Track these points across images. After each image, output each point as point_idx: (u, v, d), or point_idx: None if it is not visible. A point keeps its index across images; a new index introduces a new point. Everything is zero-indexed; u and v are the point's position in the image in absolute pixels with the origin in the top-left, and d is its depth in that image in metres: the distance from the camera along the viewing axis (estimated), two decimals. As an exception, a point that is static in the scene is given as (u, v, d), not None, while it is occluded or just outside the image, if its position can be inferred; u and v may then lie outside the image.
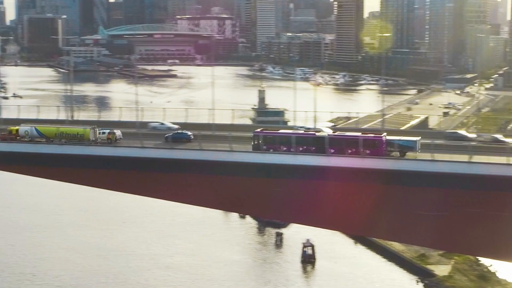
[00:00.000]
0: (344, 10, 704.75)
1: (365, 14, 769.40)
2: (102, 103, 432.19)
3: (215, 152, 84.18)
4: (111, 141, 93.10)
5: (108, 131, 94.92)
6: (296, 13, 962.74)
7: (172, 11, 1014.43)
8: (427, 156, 77.04)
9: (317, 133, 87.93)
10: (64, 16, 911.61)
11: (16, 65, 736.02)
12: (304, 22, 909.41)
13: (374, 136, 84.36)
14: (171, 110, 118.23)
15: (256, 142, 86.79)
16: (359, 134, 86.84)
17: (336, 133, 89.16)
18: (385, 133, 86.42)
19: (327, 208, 79.43)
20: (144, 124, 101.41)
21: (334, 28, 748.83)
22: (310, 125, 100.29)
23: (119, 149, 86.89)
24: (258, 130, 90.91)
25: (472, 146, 79.67)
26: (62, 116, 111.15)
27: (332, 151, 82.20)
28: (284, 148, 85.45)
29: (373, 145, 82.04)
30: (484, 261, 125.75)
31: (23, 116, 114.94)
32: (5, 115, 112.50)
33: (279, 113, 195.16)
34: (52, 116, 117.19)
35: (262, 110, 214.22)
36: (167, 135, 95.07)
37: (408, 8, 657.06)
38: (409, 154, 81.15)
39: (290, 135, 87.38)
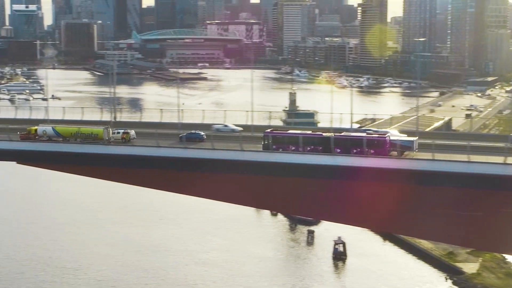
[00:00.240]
0: (368, 15, 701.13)
1: (388, 19, 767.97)
2: (135, 104, 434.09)
3: (247, 153, 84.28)
4: (125, 140, 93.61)
5: (123, 131, 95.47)
6: (321, 18, 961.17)
7: (202, 16, 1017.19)
8: (427, 155, 77.44)
9: (323, 134, 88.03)
10: (99, 22, 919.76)
11: (54, 68, 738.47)
12: (329, 27, 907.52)
13: (378, 136, 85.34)
14: (209, 112, 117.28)
15: (266, 142, 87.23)
16: (363, 134, 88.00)
17: (342, 134, 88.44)
18: (389, 134, 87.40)
19: (362, 207, 79.19)
20: (184, 126, 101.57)
21: (358, 33, 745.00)
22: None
23: (162, 150, 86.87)
24: (268, 130, 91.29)
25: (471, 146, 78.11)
26: (106, 117, 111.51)
27: (338, 150, 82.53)
28: (293, 148, 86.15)
29: (377, 145, 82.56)
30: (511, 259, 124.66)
31: (68, 117, 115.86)
32: (51, 116, 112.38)
33: (310, 114, 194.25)
34: (96, 117, 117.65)
35: (293, 112, 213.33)
36: (181, 135, 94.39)
37: (430, 14, 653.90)
38: (407, 153, 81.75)
39: (298, 135, 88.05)
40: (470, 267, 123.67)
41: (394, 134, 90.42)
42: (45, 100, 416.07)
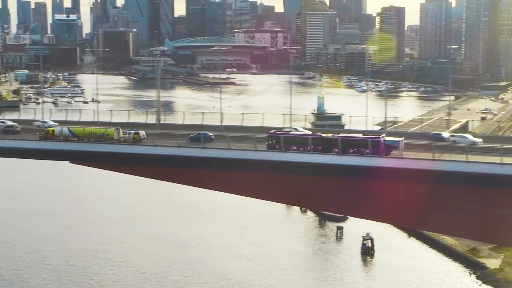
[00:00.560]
0: (386, 23, 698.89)
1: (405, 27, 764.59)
2: (170, 107, 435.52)
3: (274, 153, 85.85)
4: (136, 140, 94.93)
5: (134, 131, 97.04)
6: (341, 27, 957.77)
7: (229, 25, 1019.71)
8: (412, 154, 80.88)
9: (323, 135, 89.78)
10: (135, 30, 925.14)
11: (92, 73, 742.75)
12: (348, 34, 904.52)
13: (373, 137, 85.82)
14: (248, 115, 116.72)
15: (270, 142, 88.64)
16: (360, 135, 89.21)
17: (340, 134, 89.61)
18: (383, 135, 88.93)
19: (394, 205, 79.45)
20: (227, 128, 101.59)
21: (377, 40, 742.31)
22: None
23: (207, 151, 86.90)
24: (272, 131, 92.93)
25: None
26: (151, 119, 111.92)
27: (336, 150, 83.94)
28: (294, 148, 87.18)
29: (373, 145, 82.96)
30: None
31: (115, 119, 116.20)
32: (99, 118, 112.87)
33: (337, 117, 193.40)
34: (141, 119, 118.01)
35: (321, 115, 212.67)
36: (191, 135, 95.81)
37: (446, 22, 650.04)
38: (394, 153, 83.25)
39: (301, 136, 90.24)
40: (492, 263, 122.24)
41: (355, 135, 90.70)
42: (86, 103, 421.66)
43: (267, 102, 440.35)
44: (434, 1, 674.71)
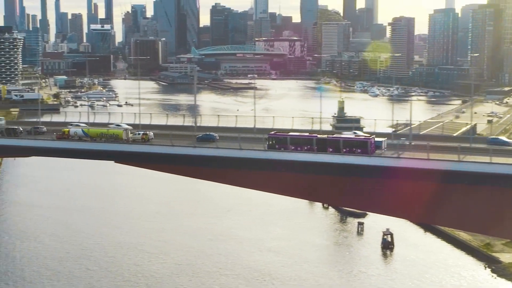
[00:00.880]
0: (397, 32, 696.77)
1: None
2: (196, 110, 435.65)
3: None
4: (144, 140, 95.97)
5: (143, 132, 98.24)
6: (354, 36, 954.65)
7: (250, 34, 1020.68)
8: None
9: (318, 136, 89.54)
10: (163, 39, 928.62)
11: (125, 79, 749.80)
12: (361, 43, 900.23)
13: (364, 138, 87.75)
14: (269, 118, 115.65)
15: (270, 143, 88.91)
16: (352, 136, 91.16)
17: (334, 136, 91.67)
18: (373, 136, 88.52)
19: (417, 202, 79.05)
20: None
21: (388, 48, 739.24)
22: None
23: (244, 152, 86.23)
24: (272, 133, 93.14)
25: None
26: (188, 122, 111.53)
27: (331, 150, 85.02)
28: (292, 147, 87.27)
29: (363, 145, 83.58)
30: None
31: (155, 122, 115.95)
32: (139, 121, 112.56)
33: (356, 120, 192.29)
34: (179, 122, 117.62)
35: (341, 118, 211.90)
36: (198, 136, 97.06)
37: (453, 31, 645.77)
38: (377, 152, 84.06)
39: (298, 137, 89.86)
40: (506, 257, 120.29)
41: (350, 136, 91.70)
42: (120, 106, 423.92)
43: (286, 106, 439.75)
44: (442, 12, 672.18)
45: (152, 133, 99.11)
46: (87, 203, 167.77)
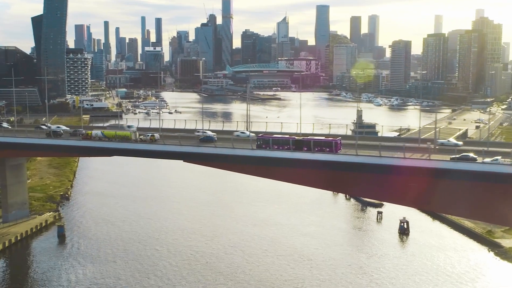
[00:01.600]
0: (396, 53, 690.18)
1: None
2: (231, 117, 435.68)
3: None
4: (152, 140, 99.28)
5: (151, 134, 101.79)
6: (359, 56, 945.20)
7: (274, 54, 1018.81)
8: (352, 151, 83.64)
9: (296, 137, 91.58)
10: (203, 58, 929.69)
11: (172, 91, 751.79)
12: (365, 62, 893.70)
13: (332, 139, 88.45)
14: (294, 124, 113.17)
15: (259, 143, 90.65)
16: (323, 138, 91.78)
17: (307, 137, 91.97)
18: (339, 137, 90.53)
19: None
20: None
21: (388, 66, 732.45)
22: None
23: (271, 152, 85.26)
24: (260, 134, 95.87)
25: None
26: (240, 127, 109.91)
27: (305, 149, 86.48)
28: (275, 147, 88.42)
29: (331, 145, 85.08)
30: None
31: (214, 127, 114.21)
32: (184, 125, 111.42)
33: (372, 126, 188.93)
34: (227, 127, 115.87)
35: (360, 124, 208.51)
36: (200, 137, 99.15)
37: (443, 52, 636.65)
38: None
39: (279, 138, 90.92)
40: (506, 242, 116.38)
41: (321, 137, 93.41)
42: (171, 113, 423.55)
43: (307, 113, 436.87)
44: (434, 36, 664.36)
45: (158, 135, 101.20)
46: (151, 193, 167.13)
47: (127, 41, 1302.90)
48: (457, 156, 77.61)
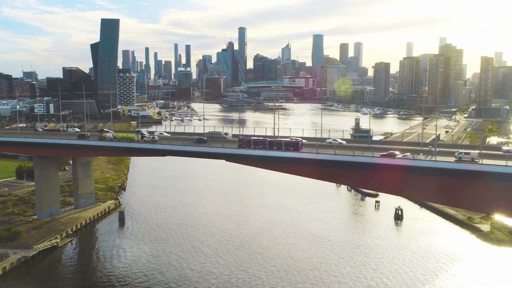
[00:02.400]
0: (378, 72, 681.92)
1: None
2: (247, 123, 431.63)
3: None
4: (153, 141, 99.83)
5: (152, 136, 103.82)
6: (347, 75, 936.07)
7: (279, 73, 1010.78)
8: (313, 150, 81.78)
9: (268, 139, 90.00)
10: (224, 77, 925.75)
11: (199, 102, 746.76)
12: (352, 79, 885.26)
13: (296, 140, 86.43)
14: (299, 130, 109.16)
15: (240, 144, 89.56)
16: (288, 139, 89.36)
17: (277, 139, 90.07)
18: (301, 140, 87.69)
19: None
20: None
21: (371, 82, 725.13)
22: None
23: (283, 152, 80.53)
24: (241, 136, 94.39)
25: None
26: (269, 133, 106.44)
27: (275, 148, 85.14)
28: (253, 147, 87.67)
29: (296, 145, 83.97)
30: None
31: (250, 132, 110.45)
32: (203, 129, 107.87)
33: (368, 131, 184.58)
34: (260, 132, 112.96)
35: (357, 129, 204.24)
36: (195, 139, 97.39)
37: (415, 71, 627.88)
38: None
39: (256, 140, 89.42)
40: (484, 227, 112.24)
41: (288, 139, 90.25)
42: (200, 120, 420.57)
43: (307, 120, 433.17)
44: (408, 59, 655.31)
45: (157, 137, 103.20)
46: (188, 185, 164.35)
47: (163, 63, 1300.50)
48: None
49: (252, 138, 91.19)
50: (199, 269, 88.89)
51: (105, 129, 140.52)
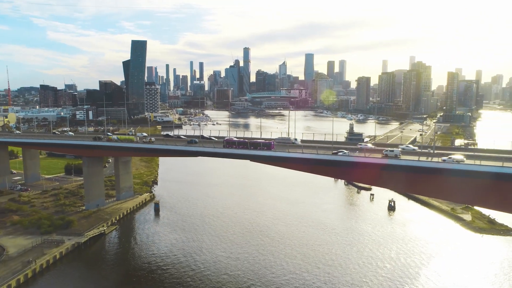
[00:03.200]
0: (360, 85, 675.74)
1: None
2: (251, 127, 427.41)
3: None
4: (151, 142, 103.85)
5: (149, 138, 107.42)
6: (333, 87, 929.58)
7: (277, 86, 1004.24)
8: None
9: (246, 140, 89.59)
10: (231, 88, 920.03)
11: (212, 110, 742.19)
12: (337, 91, 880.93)
13: (269, 141, 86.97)
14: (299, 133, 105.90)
15: (224, 144, 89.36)
16: (263, 140, 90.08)
17: (254, 140, 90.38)
18: (272, 141, 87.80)
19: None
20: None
21: (355, 93, 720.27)
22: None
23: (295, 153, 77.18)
24: (226, 138, 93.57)
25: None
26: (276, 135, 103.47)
27: (252, 147, 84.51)
28: (234, 146, 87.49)
29: (269, 145, 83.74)
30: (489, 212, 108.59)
31: (257, 135, 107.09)
32: (218, 133, 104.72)
33: (360, 135, 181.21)
34: (266, 135, 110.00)
35: (351, 133, 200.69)
36: (187, 140, 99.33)
37: (392, 83, 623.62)
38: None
39: (238, 141, 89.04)
40: (466, 217, 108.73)
41: (261, 139, 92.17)
42: (214, 124, 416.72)
43: (302, 124, 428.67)
44: (386, 74, 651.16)
45: (154, 138, 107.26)
46: (210, 180, 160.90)
47: (180, 77, 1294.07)
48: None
49: (234, 140, 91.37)
50: (227, 254, 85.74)
51: (108, 133, 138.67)
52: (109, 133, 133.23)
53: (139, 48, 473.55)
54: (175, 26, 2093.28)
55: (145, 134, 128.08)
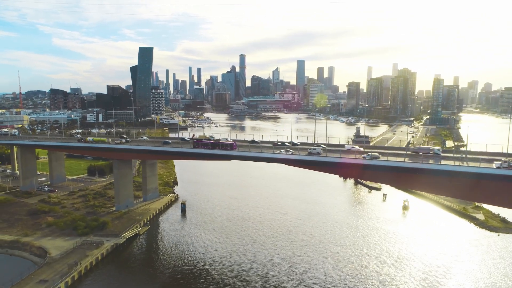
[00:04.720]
0: (350, 89, 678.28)
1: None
2: (249, 129, 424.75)
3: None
4: (127, 142, 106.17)
5: (121, 139, 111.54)
6: (323, 91, 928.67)
7: (271, 90, 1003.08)
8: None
9: (213, 140, 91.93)
10: (229, 92, 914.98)
11: (211, 112, 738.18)
12: (327, 95, 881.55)
13: (232, 142, 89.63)
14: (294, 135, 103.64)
15: (194, 145, 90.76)
16: (227, 141, 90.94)
17: (220, 141, 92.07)
18: (235, 141, 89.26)
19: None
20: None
21: (345, 97, 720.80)
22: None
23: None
24: (196, 139, 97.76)
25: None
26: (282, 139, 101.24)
27: (217, 147, 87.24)
28: (203, 147, 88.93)
29: (231, 145, 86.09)
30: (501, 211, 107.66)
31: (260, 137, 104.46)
32: (219, 135, 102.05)
33: (366, 137, 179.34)
34: (265, 138, 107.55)
35: (357, 135, 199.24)
36: (181, 139, 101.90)
37: (381, 88, 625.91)
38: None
39: (206, 142, 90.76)
40: (479, 216, 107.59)
41: (227, 140, 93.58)
42: (217, 127, 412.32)
43: (296, 126, 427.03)
44: (375, 80, 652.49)
45: (124, 140, 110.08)
46: (226, 180, 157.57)
47: (180, 82, 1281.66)
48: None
49: (200, 140, 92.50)
50: (264, 255, 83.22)
51: (79, 136, 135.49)
52: (123, 136, 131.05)
53: (146, 54, 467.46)
54: (173, 34, 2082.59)
55: (145, 137, 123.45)
